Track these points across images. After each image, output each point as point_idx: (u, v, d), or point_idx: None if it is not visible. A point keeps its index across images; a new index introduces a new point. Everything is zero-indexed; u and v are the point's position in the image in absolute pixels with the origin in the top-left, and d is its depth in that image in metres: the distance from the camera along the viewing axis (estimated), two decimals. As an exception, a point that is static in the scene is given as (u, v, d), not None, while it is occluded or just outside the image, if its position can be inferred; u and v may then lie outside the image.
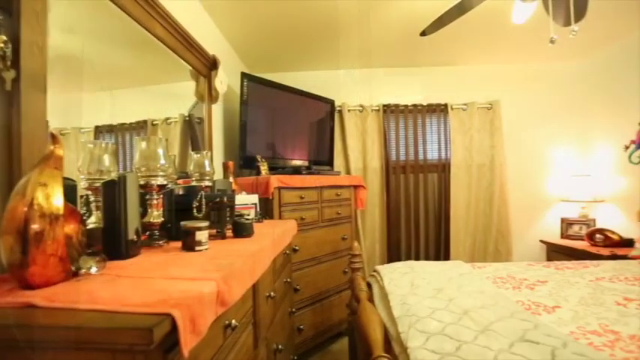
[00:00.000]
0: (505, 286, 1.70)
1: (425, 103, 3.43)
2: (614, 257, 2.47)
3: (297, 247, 2.27)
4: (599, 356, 0.96)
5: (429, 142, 3.47)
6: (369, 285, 2.01)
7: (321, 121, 3.27)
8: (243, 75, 2.62)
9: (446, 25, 1.90)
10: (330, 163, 3.31)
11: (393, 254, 3.35)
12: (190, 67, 2.02)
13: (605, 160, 3.24)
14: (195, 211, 1.21)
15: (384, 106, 3.42)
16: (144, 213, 1.09)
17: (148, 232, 1.09)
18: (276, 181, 2.20)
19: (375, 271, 2.06)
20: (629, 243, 2.65)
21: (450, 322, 1.21)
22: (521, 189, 3.48)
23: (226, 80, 2.37)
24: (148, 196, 1.09)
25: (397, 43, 2.93)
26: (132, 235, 0.89)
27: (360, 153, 3.43)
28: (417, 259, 3.37)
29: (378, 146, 3.42)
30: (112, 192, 0.87)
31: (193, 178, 1.43)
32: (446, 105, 3.40)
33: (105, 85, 1.35)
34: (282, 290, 1.64)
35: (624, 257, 2.35)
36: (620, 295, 1.50)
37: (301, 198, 2.38)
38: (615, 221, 3.07)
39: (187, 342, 0.51)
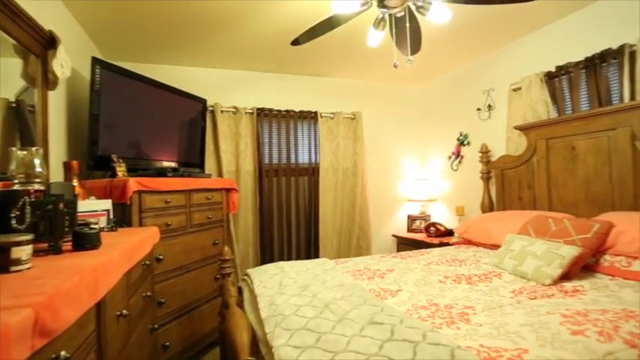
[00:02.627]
0: (362, 277, 1.92)
1: (297, 110, 3.61)
2: (441, 245, 3.09)
3: (161, 256, 2.08)
4: (424, 325, 1.19)
5: (300, 146, 3.66)
6: (240, 290, 1.99)
7: (191, 120, 3.07)
8: (95, 61, 2.24)
9: (318, 37, 2.03)
10: (201, 165, 3.14)
11: (266, 256, 3.40)
12: (14, 41, 1.62)
13: (436, 167, 4.02)
14: (14, 221, 0.97)
15: (258, 109, 3.44)
16: None
17: None
18: (135, 184, 1.96)
19: (246, 274, 2.06)
20: (450, 233, 3.35)
21: (313, 316, 1.30)
22: (379, 190, 4.01)
23: (69, 64, 1.98)
24: None
25: (272, 49, 2.99)
26: None
27: (232, 155, 3.36)
28: (290, 259, 3.51)
29: (252, 149, 3.43)
30: None
31: (16, 181, 1.16)
32: (316, 113, 3.65)
33: None
34: (140, 306, 1.47)
35: (447, 244, 2.95)
36: (442, 275, 1.89)
37: (167, 202, 2.19)
38: (443, 216, 3.85)
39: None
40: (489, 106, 3.24)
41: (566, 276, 1.70)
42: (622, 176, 2.12)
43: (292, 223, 3.58)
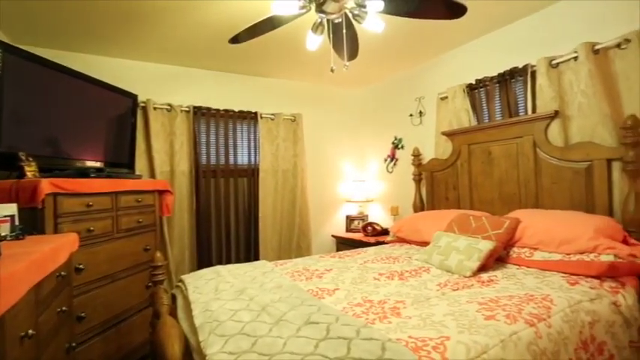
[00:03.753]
0: (300, 278, 1.94)
1: (236, 109, 3.52)
2: (377, 243, 3.24)
3: (81, 266, 1.89)
4: (358, 322, 1.24)
5: (239, 147, 3.57)
6: (174, 297, 1.88)
7: (120, 117, 2.82)
8: (-4, 43, 1.95)
9: (258, 36, 1.99)
10: (130, 165, 2.90)
11: (203, 260, 3.25)
12: None
13: (373, 169, 4.21)
14: None
15: (195, 107, 3.29)
16: None
17: None
18: (49, 185, 1.75)
19: (180, 280, 1.95)
20: (386, 232, 3.53)
21: (249, 320, 1.28)
22: (318, 192, 4.07)
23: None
24: None
25: (211, 46, 2.87)
26: None
27: (167, 155, 3.17)
28: (229, 262, 3.41)
29: (188, 149, 3.27)
30: None
31: None
32: (256, 113, 3.60)
33: None
34: (52, 324, 1.32)
35: (383, 243, 3.11)
36: (376, 272, 1.98)
37: (88, 206, 1.99)
38: (379, 216, 4.04)
39: None
40: (420, 112, 3.49)
41: (483, 268, 1.89)
42: (526, 178, 2.43)
43: (231, 225, 3.48)
